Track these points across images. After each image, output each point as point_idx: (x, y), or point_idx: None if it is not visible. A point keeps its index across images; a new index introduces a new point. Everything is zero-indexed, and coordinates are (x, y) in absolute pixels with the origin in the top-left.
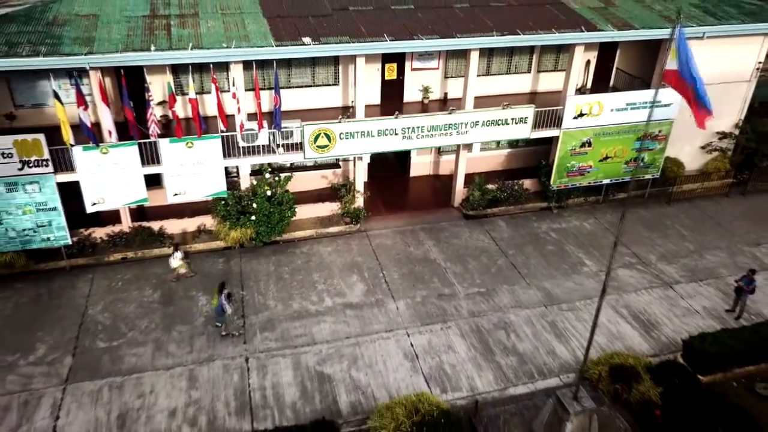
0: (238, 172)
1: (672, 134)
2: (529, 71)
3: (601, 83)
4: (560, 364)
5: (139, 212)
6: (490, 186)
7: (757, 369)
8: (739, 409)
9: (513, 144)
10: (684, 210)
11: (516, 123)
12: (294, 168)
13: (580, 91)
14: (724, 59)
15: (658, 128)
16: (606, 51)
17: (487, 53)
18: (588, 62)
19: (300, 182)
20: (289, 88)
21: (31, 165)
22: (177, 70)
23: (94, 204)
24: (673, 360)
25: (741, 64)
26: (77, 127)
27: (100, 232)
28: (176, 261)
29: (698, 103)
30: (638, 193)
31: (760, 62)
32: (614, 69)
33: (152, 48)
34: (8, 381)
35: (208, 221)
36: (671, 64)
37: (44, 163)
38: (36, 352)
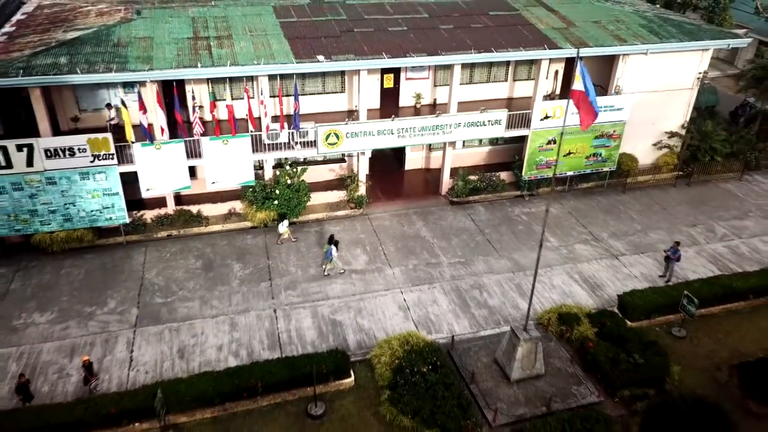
0: (262, 165)
1: (627, 133)
2: (506, 80)
3: (568, 90)
4: (521, 315)
5: (179, 198)
6: (472, 177)
7: (675, 317)
8: (652, 343)
9: (492, 142)
10: (636, 197)
11: (492, 124)
12: (308, 162)
13: (550, 96)
14: (670, 70)
15: (612, 128)
16: (572, 63)
17: (470, 65)
18: (556, 72)
19: (313, 174)
20: (303, 95)
21: (100, 158)
22: (212, 80)
23: (148, 190)
24: (609, 310)
25: (684, 74)
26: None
27: (149, 214)
28: (283, 228)
29: (591, 111)
30: (598, 183)
31: (700, 72)
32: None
33: (199, 65)
34: (90, 326)
35: (237, 205)
36: (577, 85)
37: (110, 156)
38: (108, 305)
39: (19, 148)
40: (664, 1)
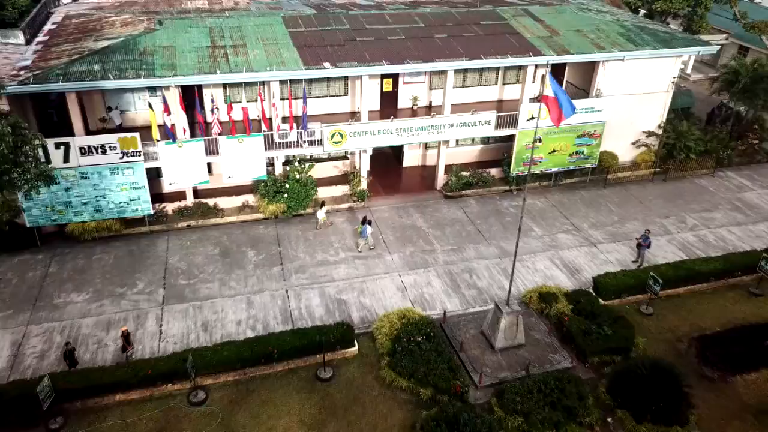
0: (273, 162)
1: (608, 133)
2: (496, 83)
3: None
4: (506, 294)
5: (197, 192)
6: (464, 173)
7: (644, 297)
8: (621, 318)
9: (483, 141)
10: (616, 192)
11: (482, 124)
12: (314, 159)
13: (537, 99)
14: (647, 74)
15: (593, 128)
16: (557, 68)
17: (462, 70)
18: (543, 76)
19: (319, 170)
20: (310, 98)
21: (128, 155)
22: (228, 85)
23: (171, 183)
24: (585, 290)
25: (660, 78)
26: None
27: (170, 206)
28: (321, 214)
29: (561, 112)
30: (581, 179)
31: (674, 77)
32: (564, 82)
33: (217, 71)
34: (122, 304)
35: (250, 198)
36: (547, 91)
37: (137, 153)
38: (137, 286)
39: (57, 146)
40: (648, 9)
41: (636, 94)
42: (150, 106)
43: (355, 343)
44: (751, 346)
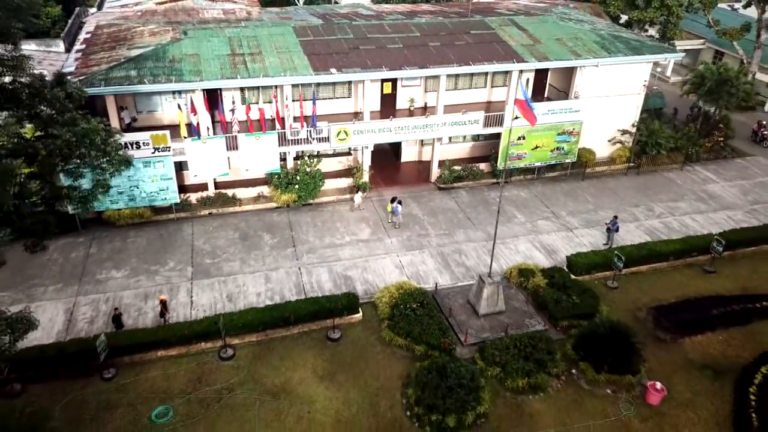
0: (285, 157)
1: (586, 131)
2: (485, 86)
3: (538, 94)
4: (492, 271)
5: (217, 183)
6: (456, 167)
7: (611, 274)
8: (588, 290)
9: (473, 138)
10: (593, 184)
11: (471, 123)
12: (322, 154)
13: None
14: (621, 78)
15: (572, 127)
16: (541, 72)
17: (454, 75)
18: (528, 80)
19: (326, 164)
20: (318, 99)
21: (159, 150)
22: (247, 88)
23: (195, 175)
24: (559, 267)
25: (633, 82)
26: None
27: (194, 196)
28: (359, 198)
29: (531, 114)
30: (562, 172)
31: (645, 80)
32: (547, 85)
33: (238, 77)
34: (156, 279)
35: (264, 189)
36: (519, 95)
37: (167, 149)
38: (169, 265)
39: None
40: (627, 18)
41: (611, 96)
42: (179, 107)
43: (360, 310)
44: (700, 314)
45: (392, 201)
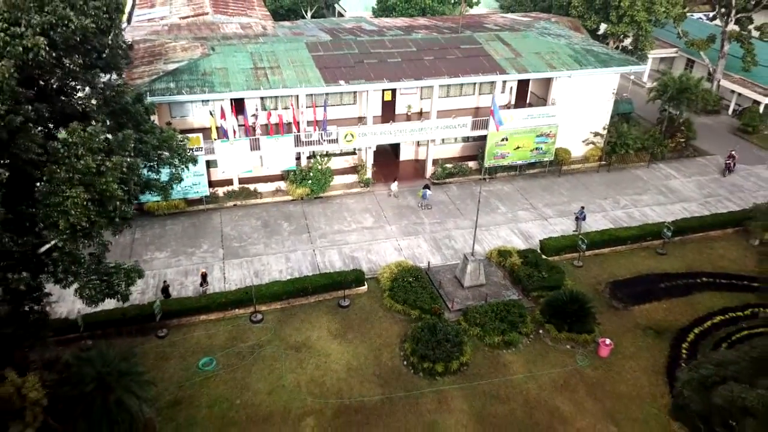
0: (300, 156)
1: (562, 133)
2: (474, 94)
3: (521, 101)
4: (475, 251)
5: (240, 179)
6: (448, 165)
7: (577, 255)
8: (556, 267)
9: (463, 139)
10: (568, 180)
11: (461, 127)
12: (331, 154)
13: (507, 106)
14: (593, 87)
15: (549, 129)
16: (523, 82)
17: (445, 85)
18: (511, 88)
19: (334, 163)
20: (327, 106)
21: (193, 150)
22: (268, 97)
23: (223, 172)
24: (532, 249)
25: (603, 89)
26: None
27: (221, 190)
28: (395, 187)
29: (497, 122)
30: (541, 169)
31: (613, 88)
32: (529, 92)
33: (261, 88)
34: (193, 259)
35: (281, 184)
36: (493, 105)
37: (200, 149)
38: (203, 248)
39: None
40: (605, 31)
41: (584, 102)
42: (210, 113)
43: (365, 283)
44: (649, 287)
45: (424, 187)
